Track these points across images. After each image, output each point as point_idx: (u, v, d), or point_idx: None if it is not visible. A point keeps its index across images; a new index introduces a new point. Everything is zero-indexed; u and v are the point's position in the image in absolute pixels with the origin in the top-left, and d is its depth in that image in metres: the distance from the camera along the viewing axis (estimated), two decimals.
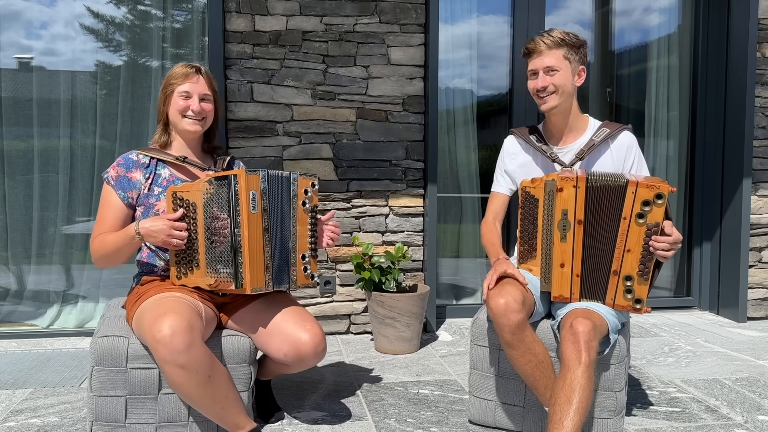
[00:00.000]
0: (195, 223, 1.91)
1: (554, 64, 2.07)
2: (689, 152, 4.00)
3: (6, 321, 3.33)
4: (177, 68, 2.09)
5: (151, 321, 1.78)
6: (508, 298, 1.87)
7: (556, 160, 2.15)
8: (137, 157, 2.08)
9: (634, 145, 2.17)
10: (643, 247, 1.90)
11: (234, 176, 1.84)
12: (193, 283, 1.95)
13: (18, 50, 3.27)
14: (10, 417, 2.23)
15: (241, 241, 1.85)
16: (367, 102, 3.35)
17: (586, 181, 1.93)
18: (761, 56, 3.69)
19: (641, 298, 1.93)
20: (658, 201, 1.86)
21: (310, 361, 1.96)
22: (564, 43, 2.08)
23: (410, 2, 3.35)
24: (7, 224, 3.31)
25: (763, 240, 3.79)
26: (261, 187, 1.88)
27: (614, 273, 1.94)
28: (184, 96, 2.06)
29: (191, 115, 2.07)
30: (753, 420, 2.26)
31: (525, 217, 2.07)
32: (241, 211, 1.84)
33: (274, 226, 1.93)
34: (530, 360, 1.90)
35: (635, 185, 1.88)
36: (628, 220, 1.90)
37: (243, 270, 1.85)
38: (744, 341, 3.32)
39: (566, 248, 1.96)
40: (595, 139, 2.14)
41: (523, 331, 1.88)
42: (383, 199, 3.39)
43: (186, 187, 1.92)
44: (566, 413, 1.70)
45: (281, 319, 1.98)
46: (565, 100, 2.12)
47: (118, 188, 2.02)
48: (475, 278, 3.92)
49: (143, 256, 2.07)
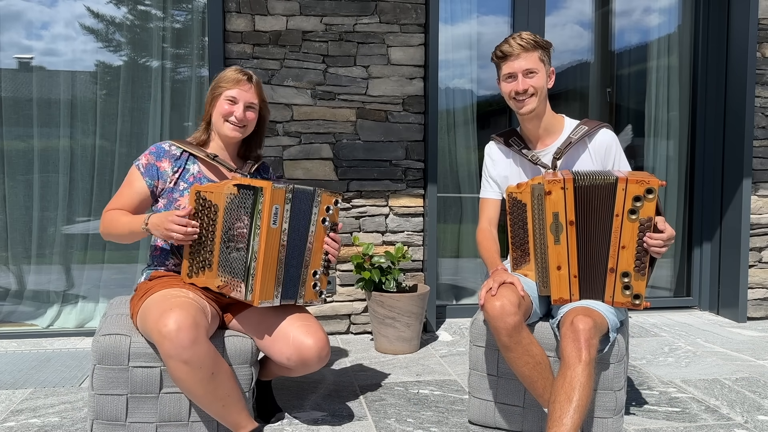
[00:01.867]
0: (214, 224, 1.90)
1: (532, 66, 2.07)
2: (689, 152, 4.01)
3: (6, 321, 3.33)
4: (229, 72, 2.11)
5: (156, 316, 1.78)
6: (504, 301, 1.86)
7: (538, 163, 2.14)
8: (169, 147, 2.10)
9: (614, 144, 2.13)
10: (638, 243, 1.90)
11: (260, 188, 1.81)
12: (203, 283, 1.95)
13: (18, 50, 3.28)
14: (10, 417, 2.23)
15: (257, 254, 1.82)
16: (367, 102, 3.35)
17: (573, 181, 1.93)
18: (761, 56, 3.69)
19: (639, 293, 1.94)
20: (649, 196, 1.87)
21: (313, 366, 1.95)
22: (538, 46, 2.09)
23: (410, 2, 3.35)
24: (7, 224, 3.31)
25: (763, 240, 3.80)
26: (285, 202, 1.86)
27: (611, 270, 1.94)
28: (231, 101, 2.08)
29: (233, 121, 2.09)
30: (753, 420, 2.26)
31: (515, 222, 2.06)
32: (261, 224, 1.82)
33: (291, 242, 1.90)
34: (528, 362, 1.90)
35: (625, 181, 1.88)
36: (620, 216, 1.90)
37: (254, 282, 1.83)
38: (744, 341, 3.32)
39: (561, 250, 1.96)
40: (573, 137, 2.12)
41: (520, 333, 1.87)
42: (383, 199, 3.39)
43: (211, 187, 1.92)
44: (566, 411, 1.70)
45: (286, 323, 1.97)
46: (541, 102, 2.11)
47: (146, 175, 2.06)
48: (475, 278, 3.92)
49: (157, 246, 2.10)
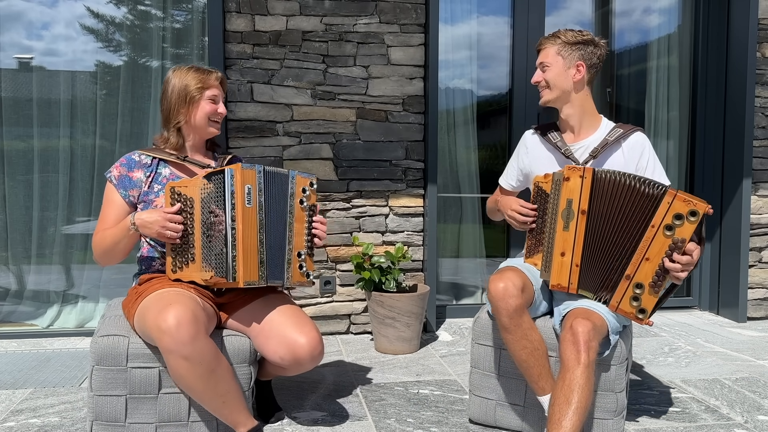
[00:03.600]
0: (192, 218, 1.92)
1: (546, 60, 2.17)
2: (689, 152, 4.00)
3: (6, 321, 3.33)
4: (191, 72, 2.09)
5: (155, 313, 1.78)
6: (508, 283, 1.92)
7: (570, 157, 2.16)
8: (139, 157, 2.10)
9: (647, 145, 2.17)
10: (662, 260, 1.86)
11: (230, 170, 1.85)
12: (189, 277, 1.95)
13: (19, 50, 3.27)
14: (10, 417, 2.23)
15: (236, 234, 1.85)
16: (367, 102, 3.35)
17: (593, 172, 1.92)
18: (761, 56, 3.69)
19: (646, 309, 1.89)
20: (691, 218, 1.83)
21: (306, 365, 1.96)
22: (560, 41, 2.15)
23: (410, 2, 3.35)
24: (7, 224, 3.31)
25: (763, 240, 3.79)
26: (257, 181, 1.89)
27: (626, 277, 1.91)
28: (212, 100, 2.09)
29: (217, 119, 2.12)
30: (753, 420, 2.26)
31: (536, 211, 2.08)
32: (236, 204, 1.85)
33: (269, 220, 1.93)
34: (525, 346, 1.93)
35: (673, 196, 1.84)
36: (656, 228, 1.86)
37: (236, 263, 1.85)
38: (744, 341, 3.31)
39: (568, 237, 1.95)
40: (609, 138, 2.14)
41: (521, 317, 1.91)
42: (383, 199, 3.39)
43: (184, 182, 1.94)
44: (565, 413, 1.71)
45: (279, 322, 1.97)
46: (562, 96, 2.17)
47: (120, 187, 2.04)
48: (475, 278, 3.92)
49: (143, 252, 2.09)
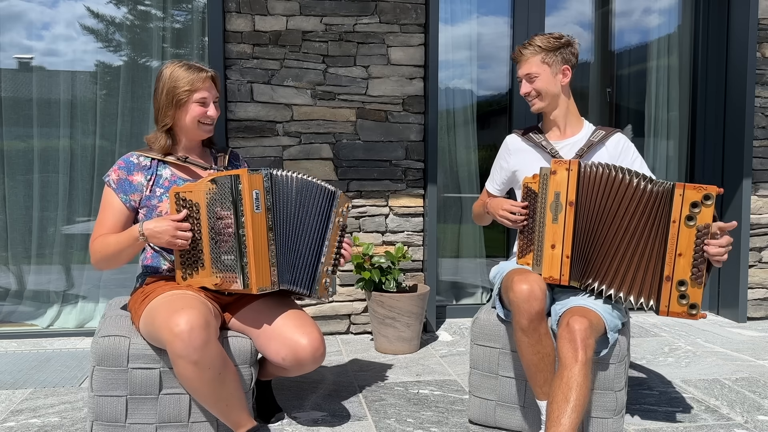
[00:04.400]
0: (198, 223, 1.90)
1: (533, 71, 2.21)
2: (689, 152, 4.00)
3: (6, 321, 3.33)
4: (182, 71, 2.01)
5: (167, 316, 1.76)
6: (534, 286, 1.90)
7: (556, 156, 2.20)
8: (138, 159, 2.05)
9: (629, 143, 2.25)
10: (695, 251, 1.85)
11: (237, 176, 1.84)
12: (199, 283, 1.94)
13: (19, 51, 3.27)
14: (10, 417, 2.23)
15: (246, 241, 1.84)
16: (367, 102, 3.35)
17: (579, 164, 1.95)
18: (761, 56, 3.69)
19: (696, 302, 1.87)
20: (707, 202, 1.83)
21: (308, 366, 1.95)
22: (541, 50, 2.19)
23: (410, 2, 3.35)
24: (7, 224, 3.31)
25: (763, 240, 3.79)
26: (264, 186, 1.88)
27: (667, 279, 1.89)
28: (202, 103, 2.03)
29: (208, 122, 2.05)
30: (753, 420, 2.26)
31: (526, 209, 2.09)
32: (245, 211, 1.84)
33: (279, 223, 1.92)
34: (539, 351, 1.93)
35: (683, 188, 1.86)
36: (677, 223, 1.86)
37: (248, 270, 1.85)
38: (744, 341, 3.32)
39: (557, 229, 1.96)
40: (593, 140, 2.22)
41: (540, 322, 1.91)
42: (383, 199, 3.39)
43: (188, 187, 1.91)
44: (563, 411, 1.72)
45: (281, 323, 1.96)
46: (552, 101, 2.24)
47: (120, 191, 2.00)
48: (475, 278, 3.92)
49: (147, 257, 2.05)
